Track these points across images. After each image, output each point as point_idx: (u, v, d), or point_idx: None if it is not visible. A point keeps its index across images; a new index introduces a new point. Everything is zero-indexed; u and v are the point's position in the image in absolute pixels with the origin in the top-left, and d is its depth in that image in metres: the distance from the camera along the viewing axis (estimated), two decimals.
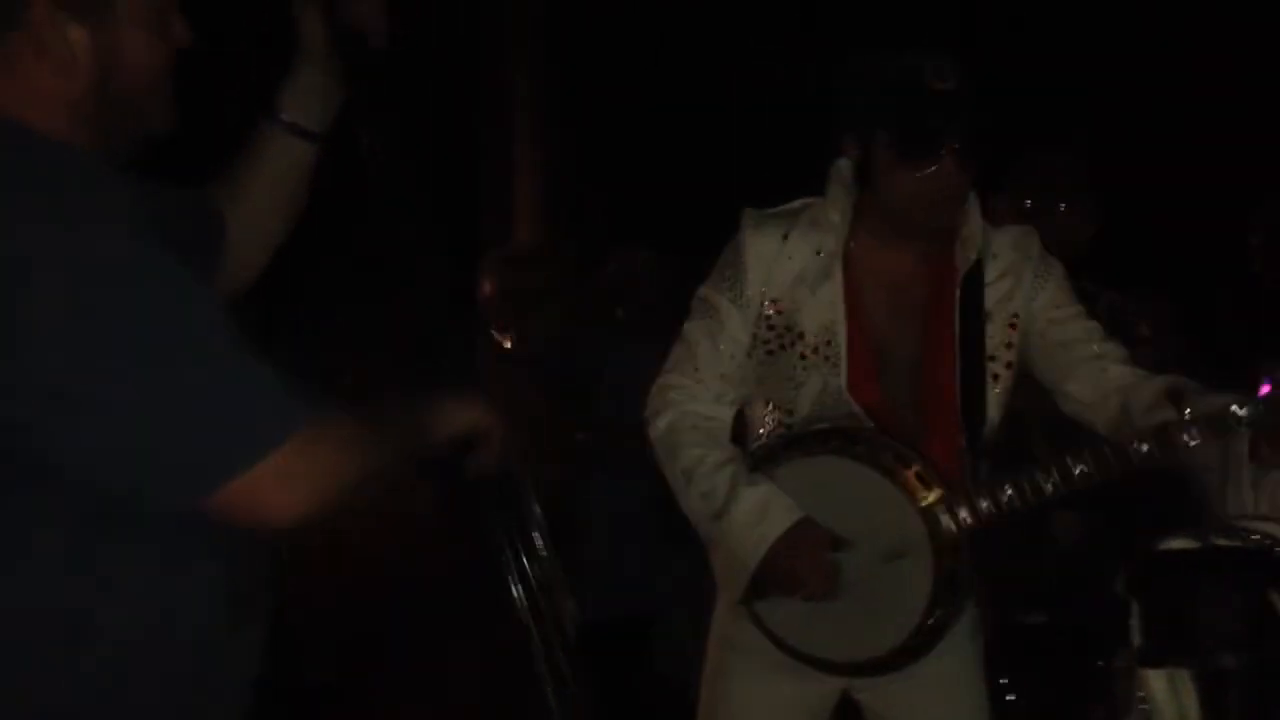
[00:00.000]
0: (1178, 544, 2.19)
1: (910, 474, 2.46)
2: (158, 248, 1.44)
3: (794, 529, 2.46)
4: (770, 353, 2.56)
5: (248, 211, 1.83)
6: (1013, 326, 2.57)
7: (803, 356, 2.54)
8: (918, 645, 2.49)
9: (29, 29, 1.47)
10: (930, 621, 2.47)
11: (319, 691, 2.00)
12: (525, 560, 1.96)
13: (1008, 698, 3.78)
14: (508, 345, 3.86)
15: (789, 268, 2.54)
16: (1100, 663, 3.25)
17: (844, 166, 2.57)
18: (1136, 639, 2.20)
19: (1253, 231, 4.21)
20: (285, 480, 1.43)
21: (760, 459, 2.57)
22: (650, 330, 3.62)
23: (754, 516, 2.46)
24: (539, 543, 1.98)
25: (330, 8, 1.87)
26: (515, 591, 1.95)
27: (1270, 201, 4.25)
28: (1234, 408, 2.34)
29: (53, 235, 1.38)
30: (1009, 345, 2.57)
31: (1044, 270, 2.60)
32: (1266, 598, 2.12)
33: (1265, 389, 3.94)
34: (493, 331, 3.83)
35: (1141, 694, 2.22)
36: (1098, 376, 2.54)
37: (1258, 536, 2.16)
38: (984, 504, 2.44)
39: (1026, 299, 2.58)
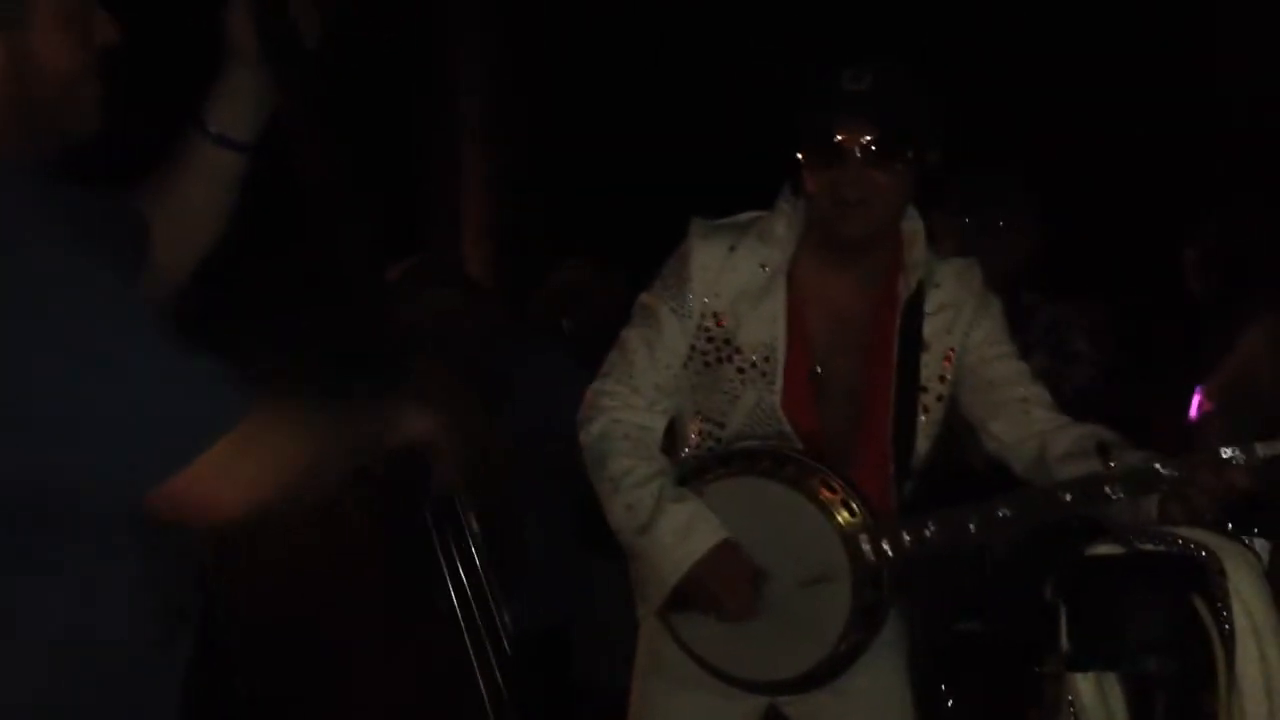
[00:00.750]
0: (1104, 549, 2.22)
1: (836, 500, 2.47)
2: (87, 254, 1.43)
3: (716, 550, 2.46)
4: (707, 364, 2.55)
5: (174, 220, 1.81)
6: (948, 359, 2.57)
7: (740, 370, 2.53)
8: (832, 669, 2.51)
9: None
10: (843, 647, 2.49)
11: (249, 702, 2.00)
12: (461, 571, 1.96)
13: (947, 704, 3.82)
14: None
15: (733, 281, 2.53)
16: (1035, 669, 3.29)
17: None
18: (1064, 643, 2.23)
19: (1189, 248, 4.27)
20: (220, 477, 1.43)
21: (689, 472, 2.57)
22: (596, 343, 3.62)
23: (678, 535, 2.46)
24: (474, 553, 1.98)
25: (261, 9, 1.85)
26: (452, 601, 1.95)
27: (1207, 220, 4.31)
28: (1158, 466, 2.37)
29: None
30: (943, 379, 2.57)
31: (984, 306, 2.60)
32: (1191, 602, 2.15)
33: (1198, 399, 4.01)
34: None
35: (1070, 698, 2.25)
36: (1020, 419, 2.55)
37: (1182, 542, 2.20)
38: (906, 538, 2.46)
39: (964, 333, 2.57)
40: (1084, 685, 2.22)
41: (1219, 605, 2.15)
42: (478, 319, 3.87)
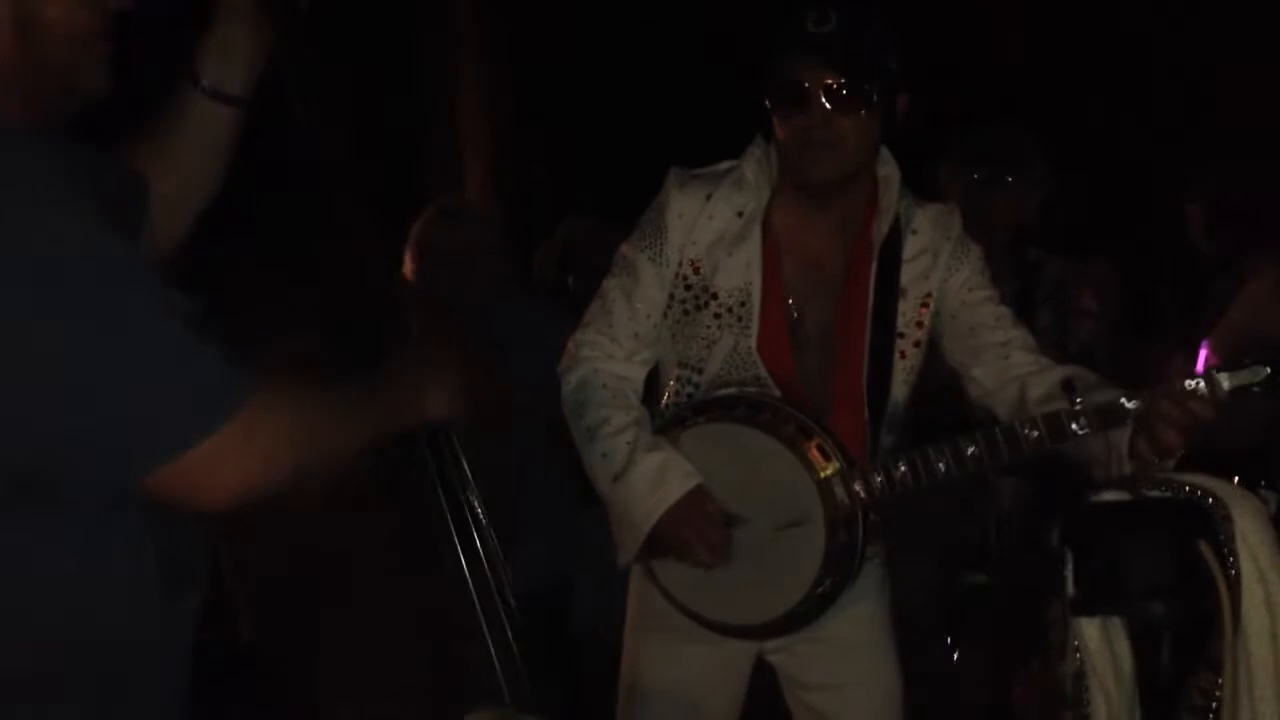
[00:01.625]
0: (1110, 496, 2.23)
1: (811, 446, 2.48)
2: (100, 222, 1.42)
3: (688, 497, 2.48)
4: (686, 312, 2.56)
5: (171, 178, 1.79)
6: (925, 306, 2.57)
7: (716, 315, 2.54)
8: (807, 611, 2.53)
9: None
10: (819, 590, 2.50)
11: (253, 655, 2.01)
12: (464, 527, 1.97)
13: (953, 656, 3.85)
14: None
15: (710, 228, 2.54)
16: (1041, 616, 3.31)
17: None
18: (1070, 589, 2.24)
19: (1189, 202, 4.27)
20: (219, 464, 1.43)
21: (667, 423, 2.59)
22: None
23: (650, 482, 2.48)
24: (477, 509, 1.98)
25: None
26: (457, 554, 1.96)
27: (1205, 172, 4.30)
28: (1123, 399, 2.36)
29: (7, 217, 1.36)
30: (919, 324, 2.57)
31: (962, 251, 2.59)
32: (1196, 547, 2.16)
33: (1203, 352, 4.02)
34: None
35: (1076, 643, 2.26)
36: (1000, 363, 2.55)
37: (1188, 488, 2.20)
38: (878, 479, 2.46)
39: (941, 279, 2.57)
40: (1089, 630, 2.23)
41: (1225, 550, 2.16)
42: (496, 261, 3.88)
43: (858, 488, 2.47)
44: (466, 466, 1.97)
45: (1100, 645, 2.23)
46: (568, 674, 3.22)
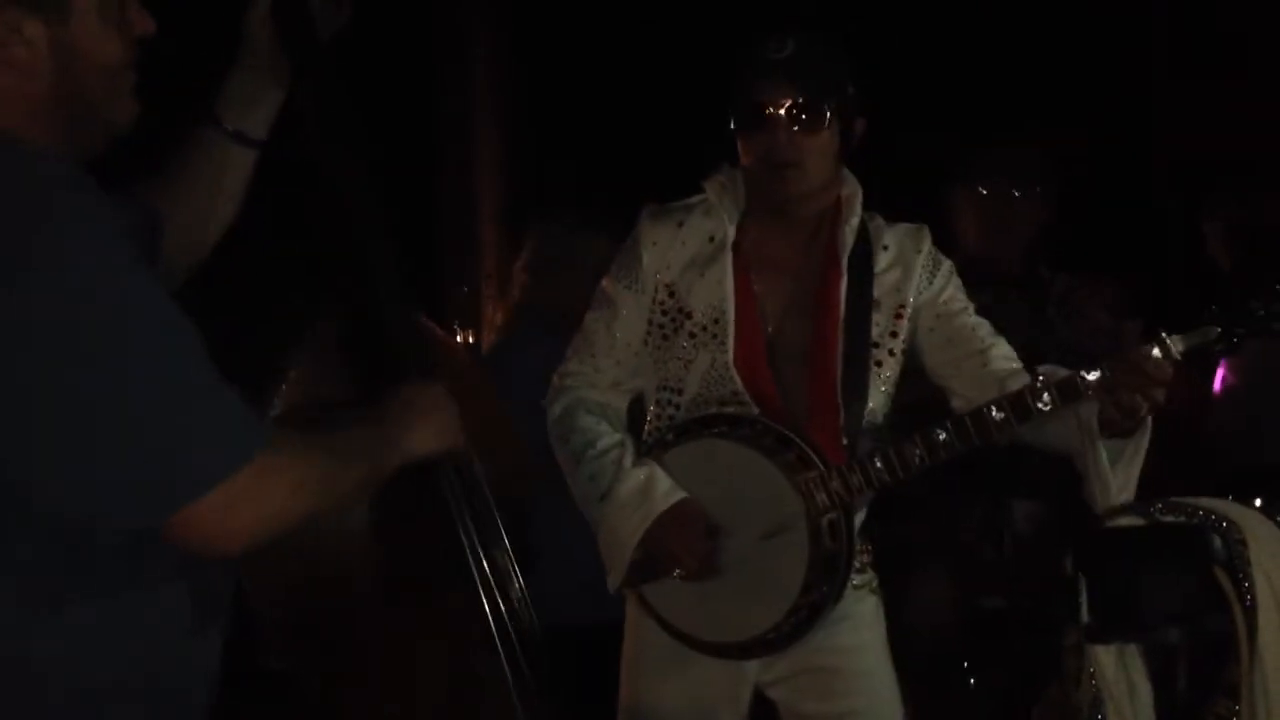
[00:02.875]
0: (1124, 521, 2.22)
1: (791, 455, 2.53)
2: (122, 259, 1.43)
3: (672, 509, 2.54)
4: (665, 336, 2.64)
5: (186, 214, 1.82)
6: (899, 316, 2.63)
7: (691, 335, 2.62)
8: (796, 625, 2.55)
9: None
10: (809, 598, 2.52)
11: (277, 678, 2.01)
12: (483, 554, 1.97)
13: (969, 682, 3.83)
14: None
15: (683, 253, 2.63)
16: (1056, 644, 3.29)
17: None
18: (1085, 616, 2.23)
19: (1208, 219, 4.26)
20: (236, 507, 1.43)
21: (649, 446, 2.66)
22: None
23: (636, 498, 2.53)
24: (497, 537, 1.99)
25: (281, 5, 1.85)
26: (477, 583, 1.96)
27: (1223, 189, 4.30)
28: (1081, 372, 2.40)
29: (34, 248, 1.37)
30: (894, 334, 2.64)
31: (933, 265, 2.67)
32: (1210, 573, 2.15)
33: (1221, 372, 4.00)
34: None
35: (1092, 670, 2.25)
36: (979, 371, 2.61)
37: (1203, 513, 2.19)
38: (856, 477, 2.50)
39: (915, 291, 2.64)
40: (1105, 658, 2.22)
41: (1240, 576, 2.14)
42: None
43: (837, 487, 2.49)
44: (487, 488, 1.98)
45: (1116, 672, 2.22)
46: (584, 694, 3.21)
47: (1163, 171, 5.81)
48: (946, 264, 2.69)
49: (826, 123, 2.54)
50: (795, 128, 2.52)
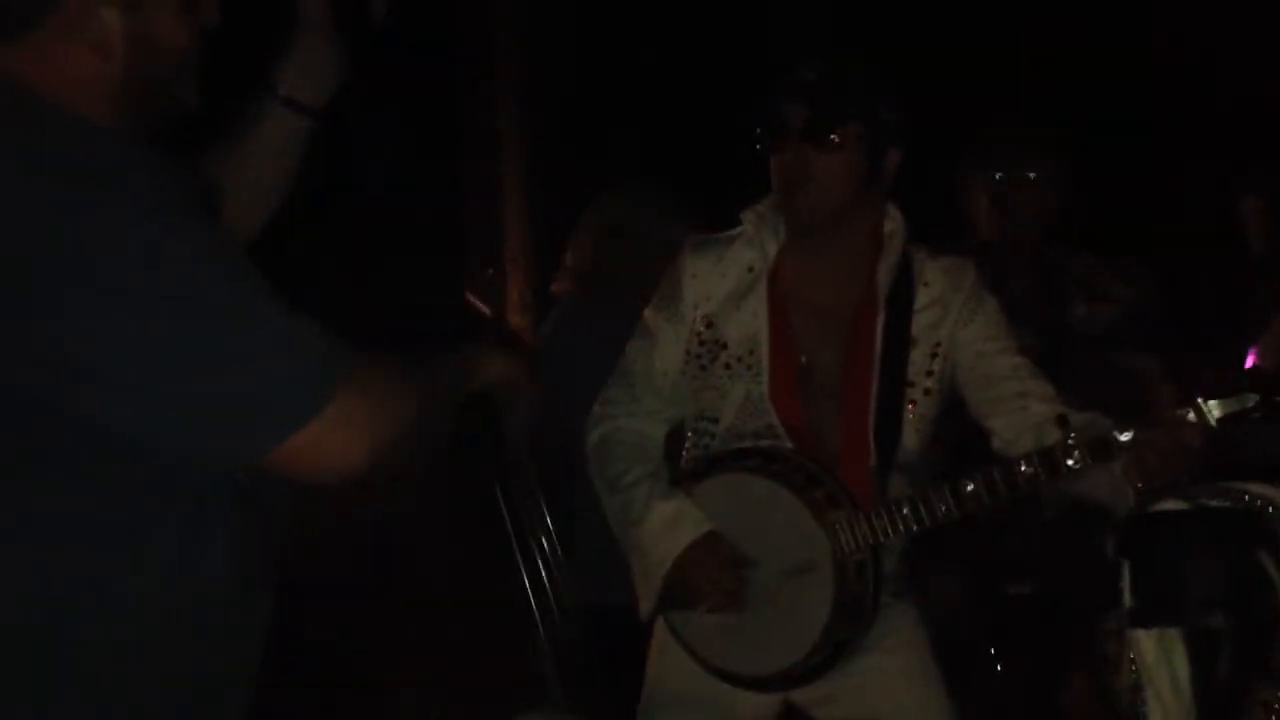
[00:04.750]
0: (1168, 505, 2.21)
1: (820, 494, 2.51)
2: (204, 221, 1.49)
3: (700, 541, 2.54)
4: (702, 367, 2.64)
5: (242, 183, 1.85)
6: (934, 355, 2.60)
7: (727, 366, 2.61)
8: (821, 662, 2.54)
9: (65, 12, 1.50)
10: (833, 638, 2.51)
11: (317, 649, 2.02)
12: (528, 534, 1.98)
13: (995, 668, 3.82)
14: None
15: (722, 285, 2.63)
16: (1085, 631, 3.28)
17: None
18: (1127, 600, 2.22)
19: (1244, 199, 4.23)
20: (343, 430, 1.46)
21: (683, 475, 2.66)
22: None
23: (665, 528, 2.55)
24: (541, 517, 2.00)
25: None
26: (518, 561, 1.97)
27: (1259, 170, 4.27)
28: (1114, 432, 2.35)
29: (114, 218, 1.41)
30: (930, 373, 2.60)
31: (975, 302, 2.62)
32: (1256, 558, 2.14)
33: (1251, 360, 3.98)
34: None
35: (1132, 655, 2.24)
36: (1019, 414, 2.56)
37: (1248, 497, 2.18)
38: (882, 524, 2.49)
39: (953, 328, 2.60)
40: (1147, 642, 2.22)
41: None
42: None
43: (864, 532, 2.49)
44: (532, 478, 1.98)
45: (1157, 658, 2.21)
46: (616, 679, 3.21)
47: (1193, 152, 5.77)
48: (990, 302, 2.63)
49: (839, 142, 2.51)
50: (807, 143, 2.51)
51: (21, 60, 1.49)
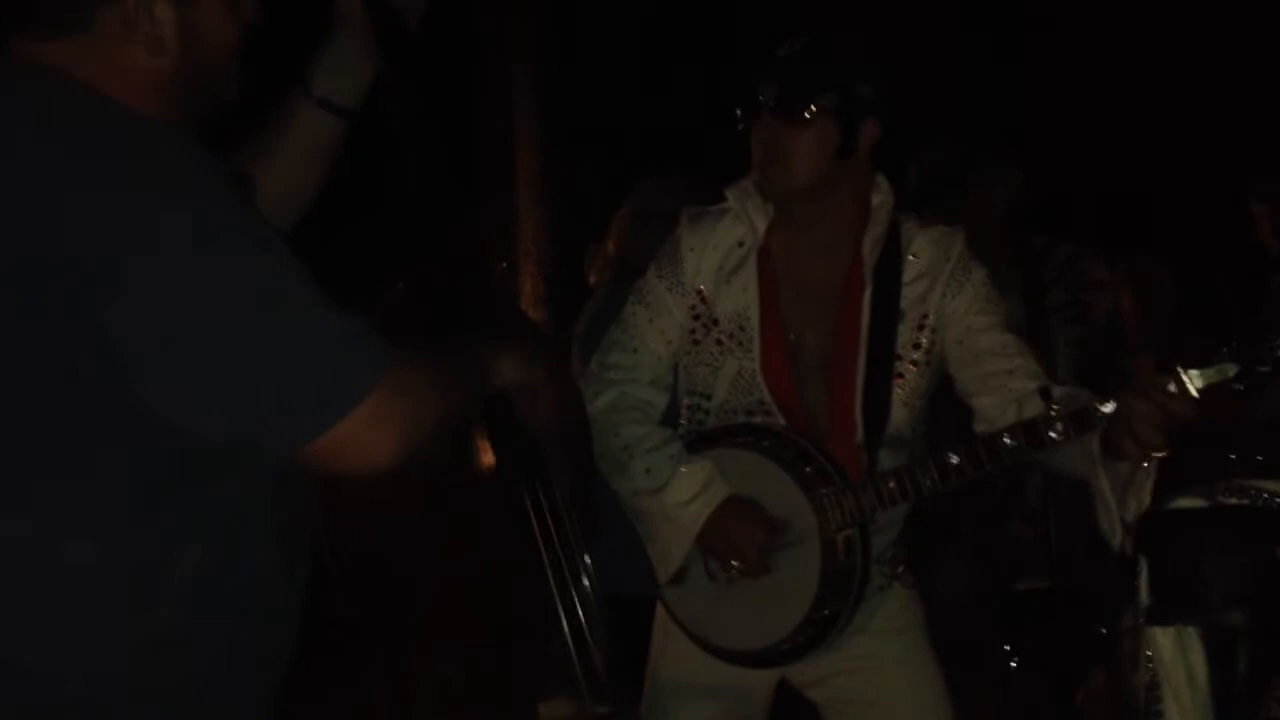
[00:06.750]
0: (1186, 503, 2.22)
1: (809, 470, 2.52)
2: (254, 214, 1.51)
3: (735, 498, 2.54)
4: (696, 341, 2.63)
5: (275, 180, 1.86)
6: (921, 327, 2.58)
7: (719, 341, 2.60)
8: (809, 639, 2.55)
9: (119, 8, 1.51)
10: (821, 612, 2.52)
11: (342, 627, 2.03)
12: (549, 518, 1.98)
13: (1010, 664, 3.82)
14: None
15: (714, 259, 2.62)
16: (1100, 626, 3.28)
17: None
18: (1144, 597, 2.22)
19: (1258, 201, 4.22)
20: (381, 422, 1.47)
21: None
22: None
23: (699, 488, 2.55)
24: (561, 502, 2.00)
25: None
26: (540, 550, 1.98)
27: (1271, 176, 4.26)
28: (1096, 404, 2.34)
29: (173, 207, 1.43)
30: (917, 345, 2.58)
31: (962, 274, 2.58)
32: (1273, 555, 2.14)
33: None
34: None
35: (1149, 652, 2.24)
36: (1003, 391, 2.54)
37: (1266, 495, 2.19)
38: (868, 496, 2.50)
39: (940, 300, 2.58)
40: (1164, 639, 2.22)
41: None
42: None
43: (851, 504, 2.50)
44: (554, 464, 1.99)
45: (1174, 655, 2.21)
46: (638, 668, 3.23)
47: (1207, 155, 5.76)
48: (978, 273, 2.59)
49: (809, 118, 2.50)
50: (777, 119, 2.51)
51: (76, 56, 1.51)
